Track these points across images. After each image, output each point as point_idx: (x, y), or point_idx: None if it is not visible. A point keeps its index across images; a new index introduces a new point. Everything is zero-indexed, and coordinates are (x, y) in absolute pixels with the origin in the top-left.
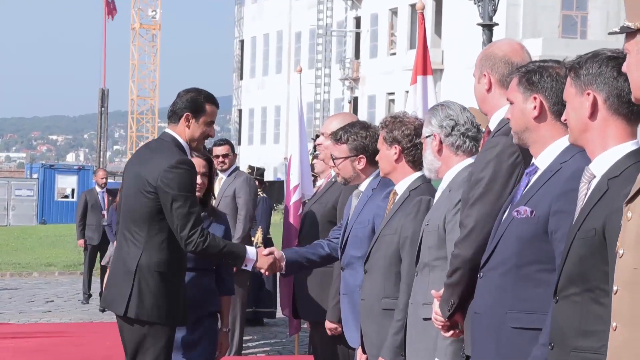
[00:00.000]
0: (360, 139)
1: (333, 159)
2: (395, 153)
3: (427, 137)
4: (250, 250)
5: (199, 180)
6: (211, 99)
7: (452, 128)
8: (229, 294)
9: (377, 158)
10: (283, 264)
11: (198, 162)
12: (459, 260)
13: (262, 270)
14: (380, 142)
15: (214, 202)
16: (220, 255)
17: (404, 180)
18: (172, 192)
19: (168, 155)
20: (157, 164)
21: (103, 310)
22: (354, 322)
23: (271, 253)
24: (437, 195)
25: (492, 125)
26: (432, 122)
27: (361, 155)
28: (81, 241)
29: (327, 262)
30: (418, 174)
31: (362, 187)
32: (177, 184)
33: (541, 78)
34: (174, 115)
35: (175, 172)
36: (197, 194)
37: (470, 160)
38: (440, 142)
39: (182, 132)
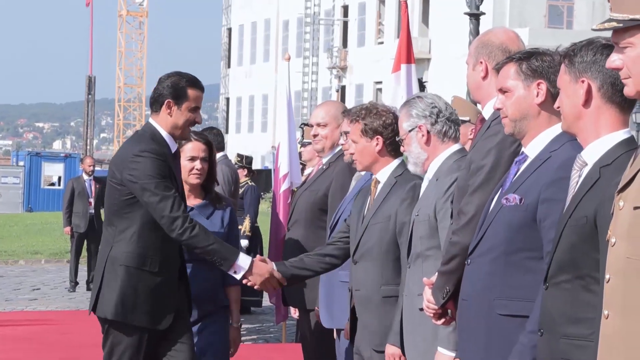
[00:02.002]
0: None
1: (345, 134)
2: (378, 144)
3: (410, 130)
4: (243, 258)
5: (198, 165)
6: (194, 83)
7: (438, 115)
8: (236, 283)
9: (355, 150)
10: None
11: (197, 146)
12: (457, 248)
13: (253, 285)
14: (357, 136)
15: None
16: (207, 251)
17: (385, 169)
18: (140, 182)
19: (133, 145)
20: (122, 154)
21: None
22: (328, 301)
23: (268, 272)
24: (424, 185)
25: (487, 114)
26: (413, 114)
27: None
28: (67, 228)
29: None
30: (398, 161)
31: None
32: (141, 173)
33: (543, 63)
34: (155, 103)
35: (138, 161)
36: (197, 180)
37: (456, 146)
38: (428, 132)
39: (164, 120)
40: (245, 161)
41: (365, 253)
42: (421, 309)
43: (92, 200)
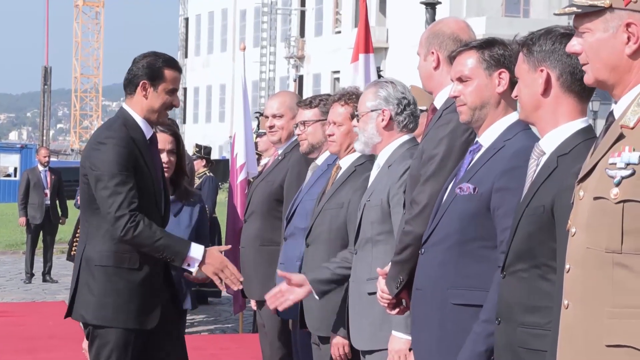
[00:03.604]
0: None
1: (303, 124)
2: None
3: (372, 110)
4: (195, 248)
5: (164, 158)
6: (171, 63)
7: (405, 106)
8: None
9: (337, 132)
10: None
11: (163, 138)
12: (410, 237)
13: (214, 280)
14: (344, 118)
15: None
16: (154, 248)
17: (351, 156)
18: (95, 172)
19: (100, 132)
20: (90, 142)
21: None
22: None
23: (221, 262)
24: (374, 171)
25: (439, 103)
26: (381, 95)
27: None
28: (22, 219)
29: None
30: None
31: (319, 161)
32: (101, 161)
33: (505, 53)
34: (129, 85)
35: (100, 149)
36: (166, 174)
37: (406, 137)
38: (390, 119)
39: (139, 103)
40: (204, 151)
41: (316, 237)
42: (370, 294)
43: (47, 191)
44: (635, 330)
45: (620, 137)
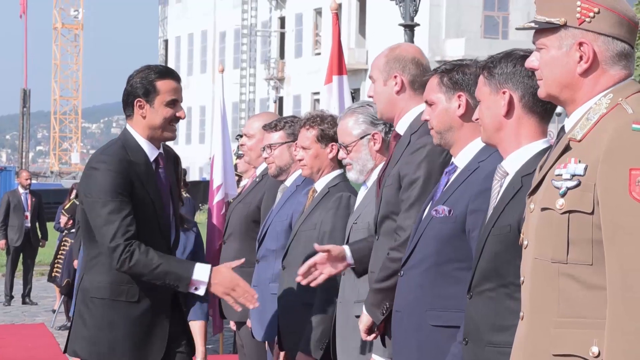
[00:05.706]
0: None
1: (269, 147)
2: (332, 151)
3: (361, 137)
4: (200, 270)
5: None
6: (164, 73)
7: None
8: (202, 319)
9: (306, 156)
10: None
11: None
12: (398, 264)
13: (227, 300)
14: (310, 142)
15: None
16: (154, 276)
17: (325, 178)
18: (88, 199)
19: (94, 156)
20: (85, 168)
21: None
22: (261, 314)
23: (231, 280)
24: (361, 193)
25: (401, 129)
26: (366, 121)
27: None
28: (2, 242)
29: None
30: (338, 171)
31: (288, 182)
32: (93, 187)
33: (464, 76)
34: (127, 106)
35: (92, 174)
36: None
37: None
38: (382, 140)
39: (139, 123)
40: None
41: (292, 259)
42: (357, 316)
43: (28, 214)
44: (581, 340)
45: (567, 149)
